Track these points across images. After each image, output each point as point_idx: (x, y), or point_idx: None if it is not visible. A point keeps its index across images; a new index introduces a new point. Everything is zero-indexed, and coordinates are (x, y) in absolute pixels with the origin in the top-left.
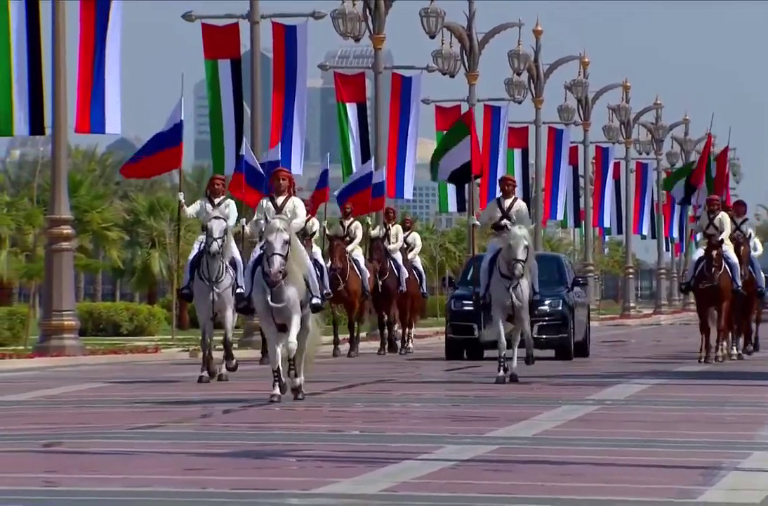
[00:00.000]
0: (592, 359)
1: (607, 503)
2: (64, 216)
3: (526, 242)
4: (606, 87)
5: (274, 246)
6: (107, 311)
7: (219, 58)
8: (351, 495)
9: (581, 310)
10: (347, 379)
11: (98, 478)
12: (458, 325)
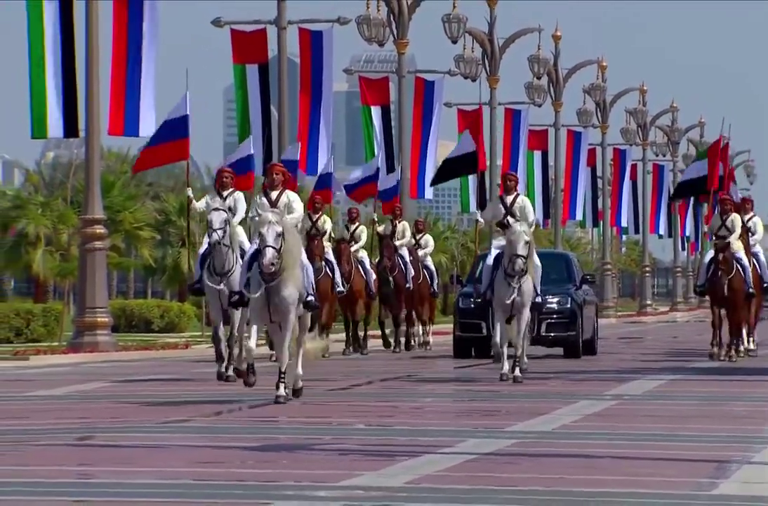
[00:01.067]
0: (610, 355)
1: (624, 495)
2: (98, 216)
3: (527, 238)
4: (623, 91)
5: (267, 238)
6: (139, 308)
7: (247, 62)
8: (375, 487)
9: (589, 308)
10: (367, 375)
11: (130, 471)
12: (466, 323)
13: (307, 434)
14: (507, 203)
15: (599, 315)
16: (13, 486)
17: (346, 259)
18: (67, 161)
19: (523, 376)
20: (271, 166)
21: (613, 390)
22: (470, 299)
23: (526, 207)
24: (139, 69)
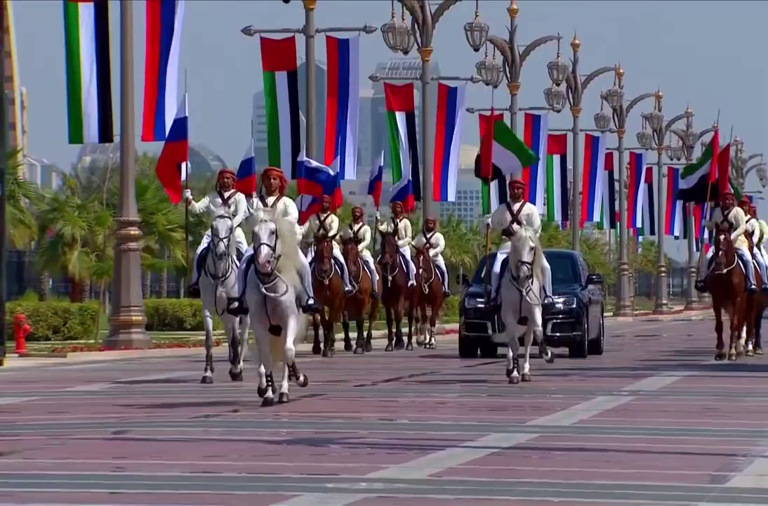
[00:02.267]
0: (627, 352)
1: (640, 488)
2: (132, 218)
3: (532, 244)
4: (640, 97)
5: (261, 236)
6: (172, 307)
7: (276, 70)
8: (400, 479)
9: (595, 308)
10: (385, 373)
11: (162, 463)
12: (472, 323)
13: (333, 428)
14: (514, 210)
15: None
16: (52, 478)
17: (353, 259)
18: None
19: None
20: (268, 170)
21: (629, 386)
22: (476, 299)
23: (532, 215)
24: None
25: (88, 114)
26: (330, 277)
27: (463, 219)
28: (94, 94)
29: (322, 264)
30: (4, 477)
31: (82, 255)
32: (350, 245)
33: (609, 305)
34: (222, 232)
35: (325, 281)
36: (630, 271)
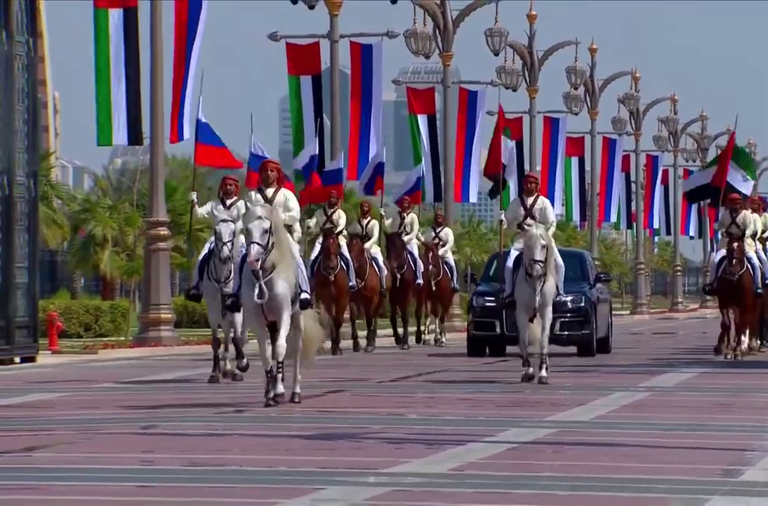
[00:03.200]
0: (643, 349)
1: (656, 482)
2: (161, 219)
3: (543, 242)
4: (656, 100)
5: (253, 234)
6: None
7: (301, 74)
8: (421, 473)
9: (603, 306)
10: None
11: (190, 457)
12: (480, 321)
13: (357, 423)
14: (527, 204)
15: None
16: (82, 471)
17: (357, 255)
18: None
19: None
20: (265, 163)
21: (646, 382)
22: (484, 297)
23: (546, 208)
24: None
25: (117, 117)
26: (336, 273)
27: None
28: (124, 98)
29: (329, 261)
30: (36, 471)
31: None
32: (355, 240)
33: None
34: (225, 236)
35: (330, 277)
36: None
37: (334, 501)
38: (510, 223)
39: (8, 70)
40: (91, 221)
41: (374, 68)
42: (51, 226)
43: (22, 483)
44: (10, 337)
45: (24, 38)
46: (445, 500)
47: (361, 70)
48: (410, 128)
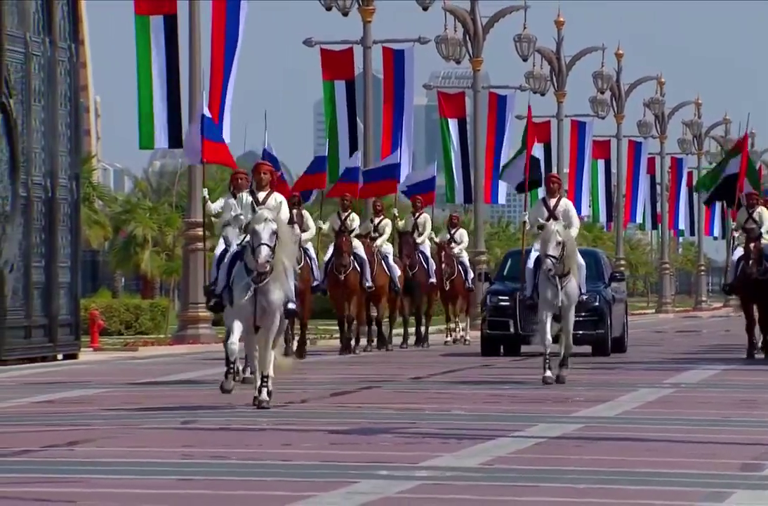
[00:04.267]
0: (668, 347)
1: (680, 476)
2: (200, 220)
3: (559, 238)
4: (680, 104)
5: (262, 236)
6: None
7: (335, 79)
8: (452, 467)
9: (619, 306)
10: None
11: (228, 452)
12: (494, 321)
13: (389, 419)
14: (550, 205)
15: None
16: (123, 465)
17: (366, 254)
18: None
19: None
20: (258, 165)
21: (671, 379)
22: (498, 296)
23: (569, 210)
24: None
25: (158, 120)
26: (347, 273)
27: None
28: (164, 102)
29: (341, 258)
30: (79, 465)
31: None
32: (362, 239)
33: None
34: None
35: (341, 276)
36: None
37: (368, 494)
38: (533, 224)
39: (51, 75)
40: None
41: (406, 73)
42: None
43: (65, 476)
44: (53, 335)
45: (66, 44)
46: (475, 493)
47: (393, 75)
48: (441, 131)
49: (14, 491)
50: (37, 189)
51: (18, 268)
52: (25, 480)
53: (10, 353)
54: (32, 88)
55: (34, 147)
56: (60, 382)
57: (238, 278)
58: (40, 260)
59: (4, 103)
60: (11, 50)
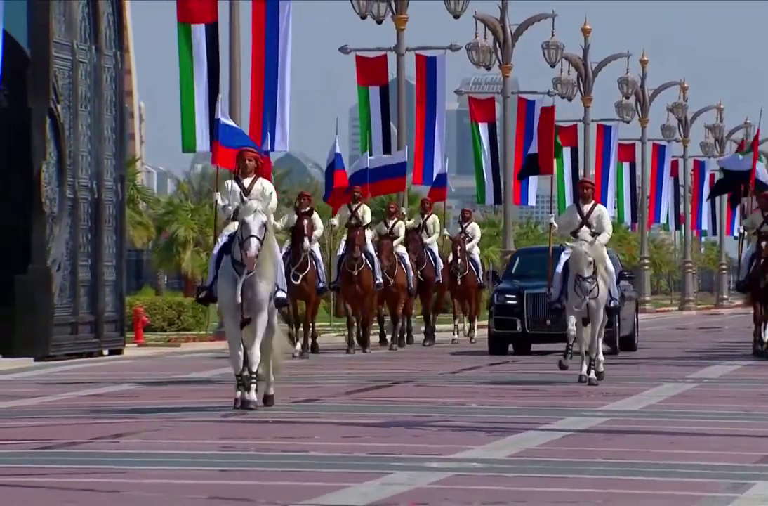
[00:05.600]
0: (691, 343)
1: (704, 467)
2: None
3: (590, 258)
4: (703, 108)
5: (251, 227)
6: None
7: (370, 85)
8: (483, 459)
9: (628, 304)
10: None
11: (266, 444)
12: (502, 319)
13: (422, 412)
14: (584, 211)
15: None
16: (167, 457)
17: (387, 255)
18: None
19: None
20: (242, 152)
21: (693, 374)
22: (505, 295)
23: (603, 217)
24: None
25: (199, 125)
26: (360, 269)
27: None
28: (205, 107)
29: (353, 252)
30: (123, 456)
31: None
32: (385, 240)
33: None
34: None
35: (354, 272)
36: (693, 269)
37: (401, 484)
38: (562, 228)
39: (97, 81)
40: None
41: (438, 79)
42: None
43: (111, 468)
44: (99, 331)
45: (112, 52)
46: (505, 484)
47: (425, 81)
48: (472, 135)
49: (61, 481)
50: (84, 191)
51: (65, 267)
52: (72, 470)
53: (58, 349)
54: (79, 94)
55: (81, 150)
56: (106, 377)
57: (224, 272)
58: (86, 259)
59: (52, 109)
60: (59, 58)
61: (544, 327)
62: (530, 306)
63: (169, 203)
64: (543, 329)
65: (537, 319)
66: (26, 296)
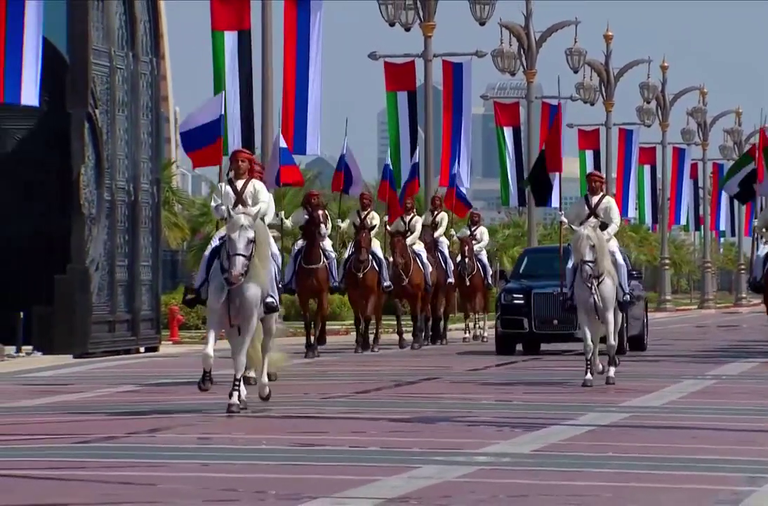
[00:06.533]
0: (710, 340)
1: (724, 462)
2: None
3: (591, 242)
4: (722, 113)
5: (237, 246)
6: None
7: (398, 90)
8: (508, 453)
9: (637, 304)
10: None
11: (297, 439)
12: (508, 319)
13: (448, 408)
14: (592, 203)
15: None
16: (202, 451)
17: (401, 252)
18: None
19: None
20: (235, 153)
21: (713, 371)
22: (512, 294)
23: (611, 208)
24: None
25: (232, 129)
26: (365, 271)
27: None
28: (238, 112)
29: (359, 254)
30: (160, 450)
31: None
32: (397, 237)
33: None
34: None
35: (359, 274)
36: (713, 268)
37: (429, 478)
38: (571, 220)
39: (134, 87)
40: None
41: (464, 85)
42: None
43: (147, 461)
44: (135, 329)
45: (148, 58)
46: (529, 477)
47: (452, 87)
48: (497, 139)
49: (100, 474)
50: (121, 193)
51: (103, 267)
52: (110, 464)
53: (96, 346)
54: (116, 100)
55: (118, 154)
56: (142, 373)
57: (213, 276)
58: (123, 259)
59: (91, 114)
60: (97, 64)
61: (551, 327)
62: (538, 306)
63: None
64: (550, 329)
65: (544, 319)
66: (66, 295)
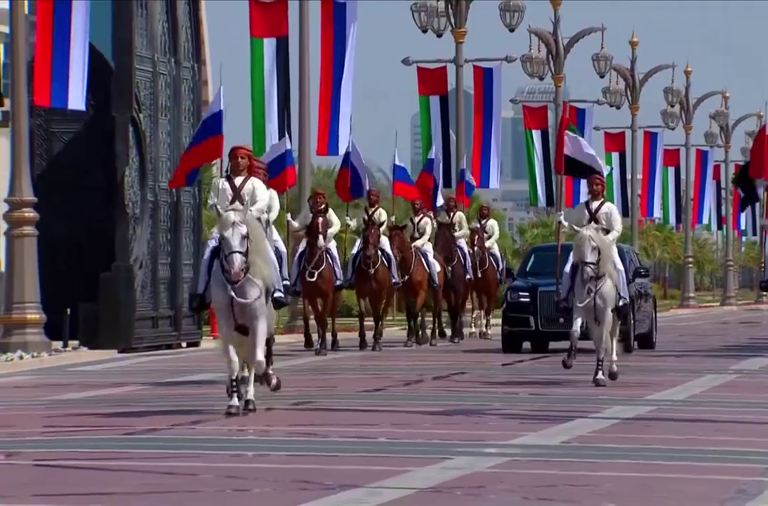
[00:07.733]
0: (732, 336)
1: (746, 453)
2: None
3: (594, 243)
4: (744, 116)
5: (231, 243)
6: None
7: (430, 94)
8: (537, 445)
9: (645, 302)
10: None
11: (333, 431)
12: (514, 317)
13: (479, 401)
14: (592, 208)
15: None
16: (241, 442)
17: (398, 245)
18: None
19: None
20: (234, 149)
21: (734, 366)
22: (518, 292)
23: (612, 214)
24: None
25: (269, 132)
26: (376, 267)
27: None
28: (275, 115)
29: (367, 250)
30: (200, 442)
31: None
32: (395, 231)
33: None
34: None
35: (370, 270)
36: (735, 267)
37: (460, 469)
38: (572, 226)
39: (176, 92)
40: None
41: (494, 89)
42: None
43: (188, 452)
44: (177, 325)
45: (190, 64)
46: (557, 468)
47: (482, 91)
48: (525, 141)
49: (143, 465)
50: (164, 194)
51: (146, 265)
52: (153, 455)
53: (140, 341)
54: (159, 104)
55: (161, 156)
56: (184, 367)
57: (215, 277)
58: (166, 257)
59: (135, 117)
60: (141, 69)
61: (557, 325)
62: (543, 304)
63: None
64: (556, 327)
65: (550, 317)
66: (110, 292)
